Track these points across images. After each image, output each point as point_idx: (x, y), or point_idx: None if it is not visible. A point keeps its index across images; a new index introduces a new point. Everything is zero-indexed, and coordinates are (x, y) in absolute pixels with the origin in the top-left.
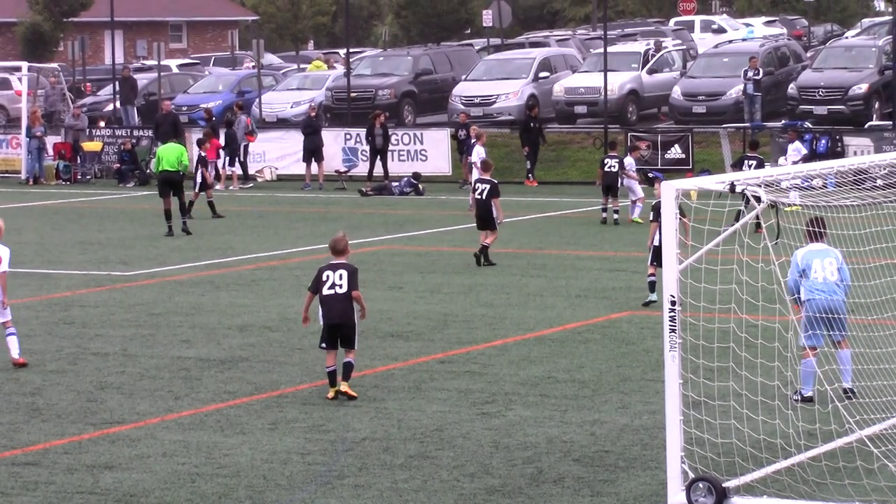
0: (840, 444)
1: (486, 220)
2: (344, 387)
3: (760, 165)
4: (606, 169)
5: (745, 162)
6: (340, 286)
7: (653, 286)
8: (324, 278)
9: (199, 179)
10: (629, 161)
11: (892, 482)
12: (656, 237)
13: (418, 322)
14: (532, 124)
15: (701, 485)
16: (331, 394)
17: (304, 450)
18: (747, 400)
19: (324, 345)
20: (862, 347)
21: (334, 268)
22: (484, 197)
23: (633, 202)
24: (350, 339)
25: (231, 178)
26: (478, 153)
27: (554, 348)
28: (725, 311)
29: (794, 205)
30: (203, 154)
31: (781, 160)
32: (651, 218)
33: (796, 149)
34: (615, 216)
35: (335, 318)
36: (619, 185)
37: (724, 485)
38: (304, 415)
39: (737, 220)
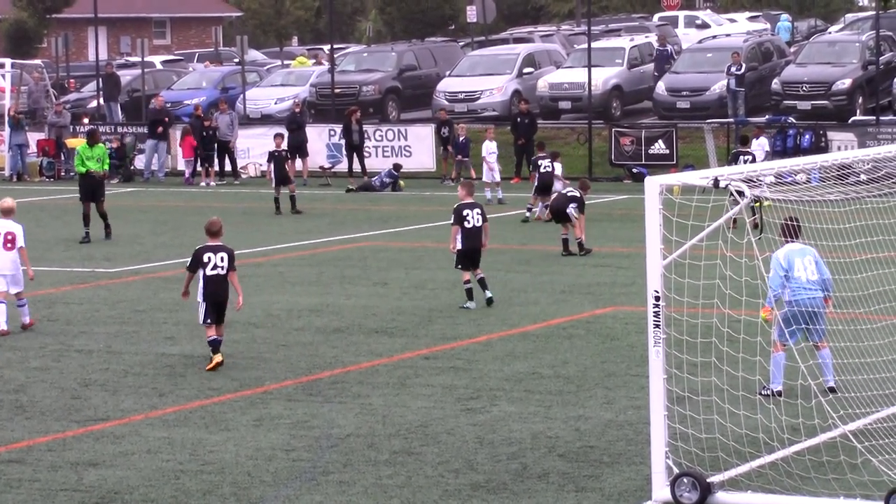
0: (824, 439)
1: (560, 212)
2: (218, 359)
3: (755, 161)
4: (542, 170)
5: (741, 158)
6: (222, 268)
7: (470, 293)
8: (205, 259)
9: (272, 175)
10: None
11: (875, 477)
12: (458, 241)
13: (403, 318)
14: (519, 119)
15: (685, 480)
16: (218, 358)
17: (289, 446)
18: (730, 395)
19: (209, 320)
20: (846, 341)
21: (214, 250)
22: (567, 194)
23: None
24: (223, 314)
25: (208, 174)
26: (488, 148)
27: (538, 344)
28: (709, 307)
29: (767, 199)
30: (277, 152)
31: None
32: (452, 222)
33: (760, 145)
34: (540, 212)
35: (220, 297)
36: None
37: (708, 480)
38: (288, 411)
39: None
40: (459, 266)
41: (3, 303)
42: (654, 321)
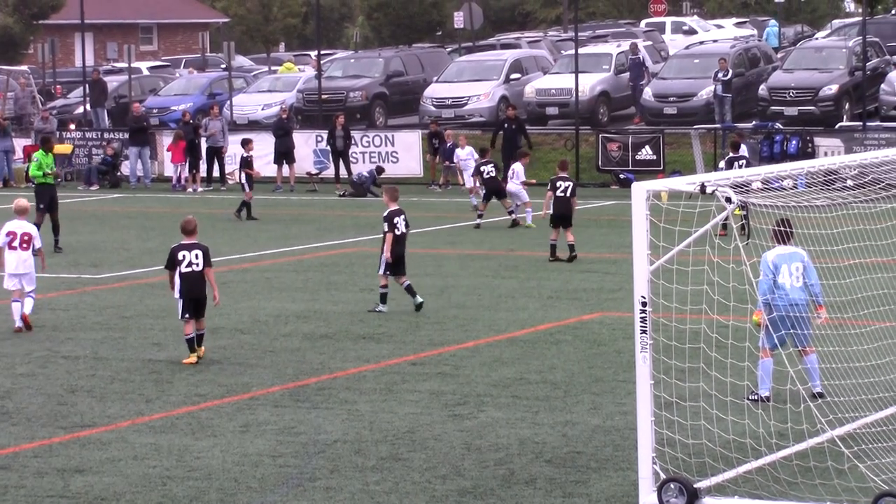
0: (811, 444)
1: (566, 217)
2: (201, 351)
3: (749, 165)
4: (486, 175)
5: (736, 164)
6: (197, 265)
7: (384, 297)
8: (180, 257)
9: (243, 180)
10: (519, 167)
11: (862, 483)
12: (387, 249)
13: (390, 324)
14: (506, 125)
15: (672, 485)
16: (192, 359)
17: (276, 452)
18: (718, 400)
19: (186, 315)
20: (833, 346)
21: (189, 248)
22: (567, 194)
23: (515, 207)
24: (203, 309)
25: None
26: (459, 156)
27: (525, 349)
28: (697, 312)
29: (739, 207)
30: (246, 156)
31: (722, 164)
32: (385, 229)
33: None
34: (521, 216)
35: (196, 293)
36: (502, 189)
37: (695, 485)
38: (275, 417)
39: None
40: (388, 272)
41: (18, 301)
42: (641, 327)
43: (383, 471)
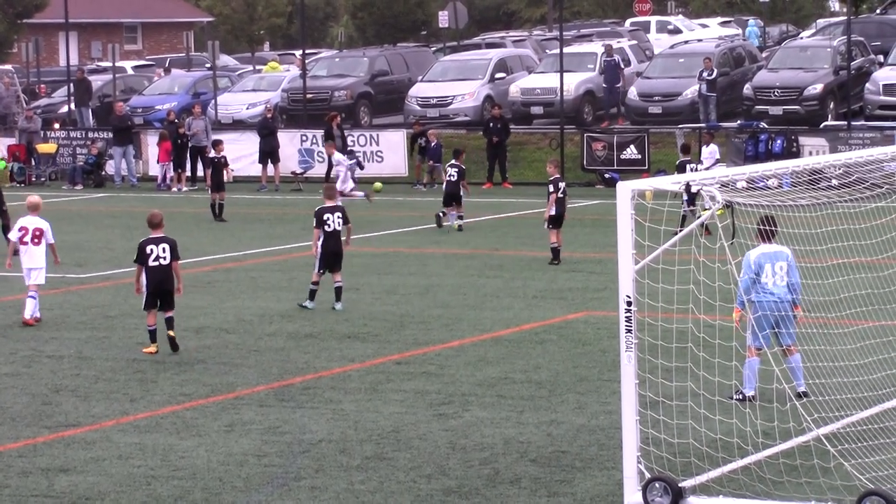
0: (797, 443)
1: (562, 218)
2: (172, 333)
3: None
4: (447, 178)
5: (688, 167)
6: (164, 258)
7: (313, 294)
8: (148, 251)
9: (209, 181)
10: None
11: (847, 481)
12: (319, 245)
13: (375, 323)
14: (492, 125)
15: (657, 485)
16: (153, 349)
17: (261, 451)
18: (704, 399)
19: (150, 308)
20: (818, 345)
21: (156, 242)
22: (565, 195)
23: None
24: (171, 301)
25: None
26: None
27: (510, 349)
28: (683, 312)
29: (721, 207)
30: (216, 158)
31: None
32: (315, 225)
33: (711, 152)
34: (454, 222)
35: (162, 286)
36: (460, 193)
37: (680, 484)
38: (260, 417)
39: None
40: (322, 270)
41: (34, 296)
42: (626, 326)
43: (368, 470)
